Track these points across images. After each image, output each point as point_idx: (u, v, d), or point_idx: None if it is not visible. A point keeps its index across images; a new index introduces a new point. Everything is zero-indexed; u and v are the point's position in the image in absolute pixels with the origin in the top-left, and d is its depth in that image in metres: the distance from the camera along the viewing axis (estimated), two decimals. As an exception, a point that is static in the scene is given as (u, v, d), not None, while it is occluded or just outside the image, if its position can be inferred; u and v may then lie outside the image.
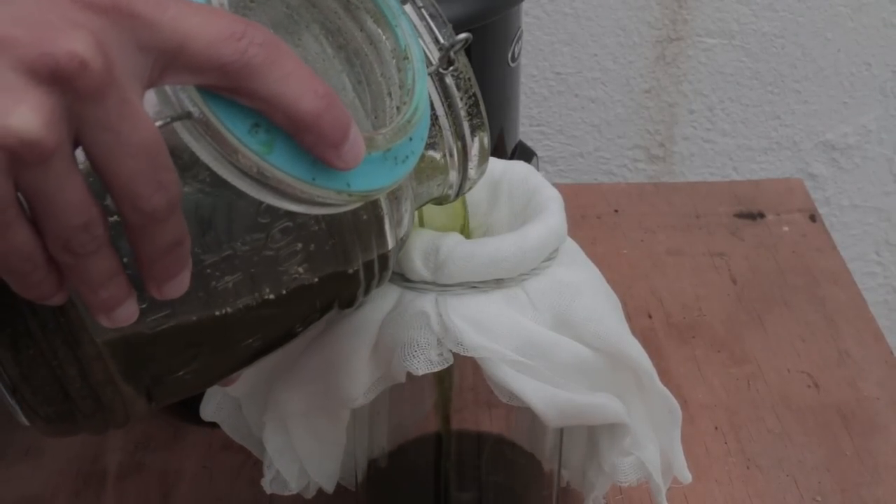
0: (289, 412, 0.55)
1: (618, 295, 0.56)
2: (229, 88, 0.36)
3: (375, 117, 0.43)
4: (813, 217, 0.93)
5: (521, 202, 0.56)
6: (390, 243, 0.47)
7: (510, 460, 0.57)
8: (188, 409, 0.66)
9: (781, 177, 1.06)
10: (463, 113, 0.48)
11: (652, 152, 1.06)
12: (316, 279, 0.45)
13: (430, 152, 0.48)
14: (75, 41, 0.33)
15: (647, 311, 0.82)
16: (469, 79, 0.48)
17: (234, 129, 0.36)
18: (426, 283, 0.51)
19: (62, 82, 0.33)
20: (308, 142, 0.37)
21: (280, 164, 0.37)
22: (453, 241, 0.51)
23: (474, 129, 0.49)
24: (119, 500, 0.66)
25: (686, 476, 0.59)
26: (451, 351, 0.51)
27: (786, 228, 0.92)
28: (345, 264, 0.46)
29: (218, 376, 0.47)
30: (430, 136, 0.47)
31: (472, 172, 0.50)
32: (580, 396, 0.52)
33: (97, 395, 0.42)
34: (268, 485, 0.58)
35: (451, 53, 0.46)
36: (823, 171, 1.07)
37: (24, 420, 0.43)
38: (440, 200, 0.51)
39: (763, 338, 0.80)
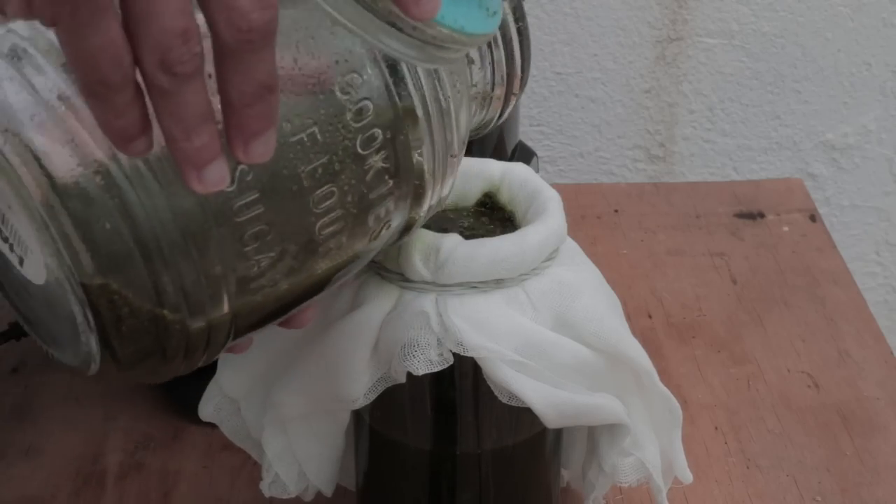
0: (288, 415, 0.55)
1: (618, 295, 0.57)
2: None
3: None
4: (813, 217, 0.93)
5: (522, 206, 0.56)
6: (457, 148, 0.47)
7: (510, 460, 0.57)
8: (188, 408, 0.66)
9: (781, 177, 1.06)
10: (512, 28, 0.48)
11: (652, 152, 1.06)
12: (393, 177, 0.45)
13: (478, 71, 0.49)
14: None
15: (647, 311, 0.82)
16: None
17: None
18: (426, 283, 0.51)
19: None
20: None
21: None
22: (453, 242, 0.51)
23: (522, 40, 0.49)
24: (119, 500, 0.66)
25: (687, 476, 0.59)
26: (451, 351, 0.51)
27: (786, 228, 0.92)
28: (414, 167, 0.46)
29: (297, 295, 0.46)
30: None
31: (516, 89, 0.50)
32: (580, 397, 0.52)
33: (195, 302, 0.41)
34: (266, 488, 0.58)
35: None
36: (823, 171, 1.07)
37: (94, 367, 0.42)
38: (481, 129, 0.52)
39: (763, 338, 0.80)
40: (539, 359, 0.51)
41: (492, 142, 0.73)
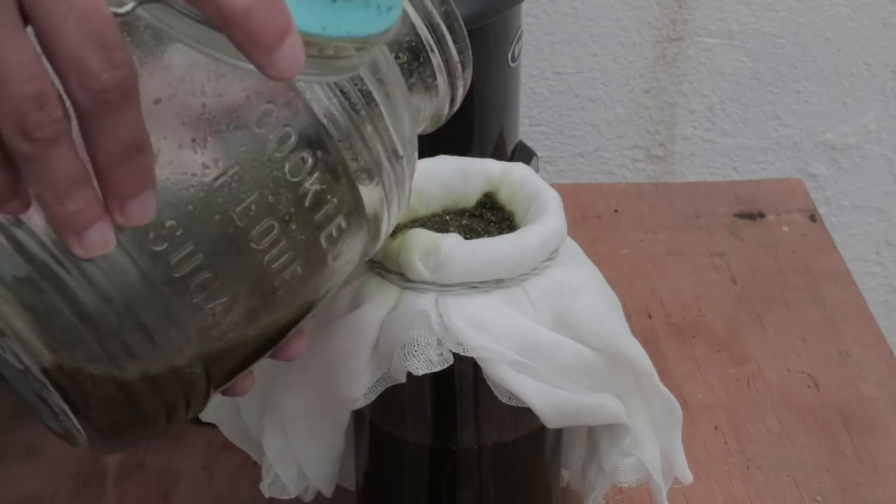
0: (289, 415, 0.55)
1: (618, 295, 0.57)
2: None
3: None
4: (813, 217, 0.93)
5: (522, 206, 0.56)
6: (401, 150, 0.46)
7: (510, 461, 0.57)
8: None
9: (781, 177, 1.06)
10: (436, 13, 0.48)
11: (652, 152, 1.06)
12: (334, 194, 0.44)
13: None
14: None
15: (647, 311, 0.82)
16: None
17: None
18: (426, 283, 0.51)
19: None
20: (237, 40, 0.34)
21: None
22: (453, 241, 0.51)
23: (451, 23, 0.49)
24: (119, 500, 0.66)
25: (687, 476, 0.59)
26: (451, 351, 0.51)
27: (786, 228, 0.92)
28: (351, 173, 0.44)
29: (269, 332, 0.45)
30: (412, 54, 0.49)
31: (459, 74, 0.50)
32: (580, 397, 0.52)
33: (160, 385, 0.41)
34: (266, 488, 0.58)
35: None
36: (823, 171, 1.07)
37: (83, 440, 0.43)
38: (437, 120, 0.51)
39: (763, 338, 0.80)
40: (539, 359, 0.51)
41: (492, 142, 0.73)
